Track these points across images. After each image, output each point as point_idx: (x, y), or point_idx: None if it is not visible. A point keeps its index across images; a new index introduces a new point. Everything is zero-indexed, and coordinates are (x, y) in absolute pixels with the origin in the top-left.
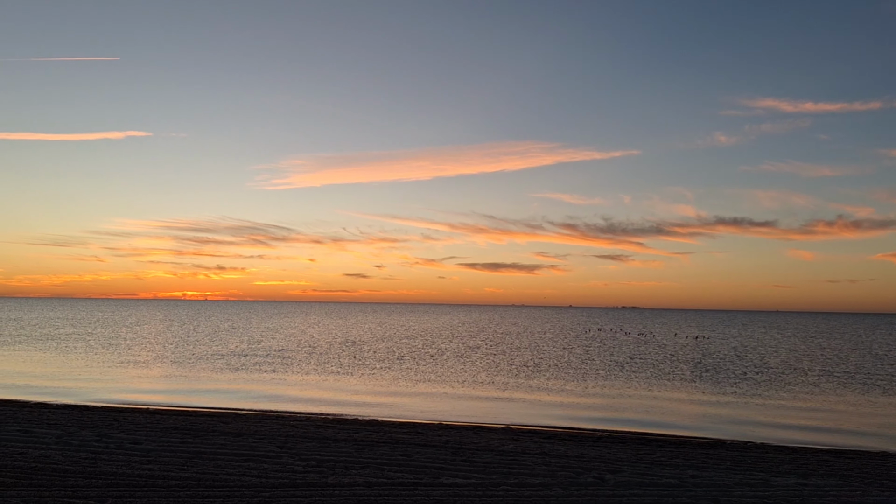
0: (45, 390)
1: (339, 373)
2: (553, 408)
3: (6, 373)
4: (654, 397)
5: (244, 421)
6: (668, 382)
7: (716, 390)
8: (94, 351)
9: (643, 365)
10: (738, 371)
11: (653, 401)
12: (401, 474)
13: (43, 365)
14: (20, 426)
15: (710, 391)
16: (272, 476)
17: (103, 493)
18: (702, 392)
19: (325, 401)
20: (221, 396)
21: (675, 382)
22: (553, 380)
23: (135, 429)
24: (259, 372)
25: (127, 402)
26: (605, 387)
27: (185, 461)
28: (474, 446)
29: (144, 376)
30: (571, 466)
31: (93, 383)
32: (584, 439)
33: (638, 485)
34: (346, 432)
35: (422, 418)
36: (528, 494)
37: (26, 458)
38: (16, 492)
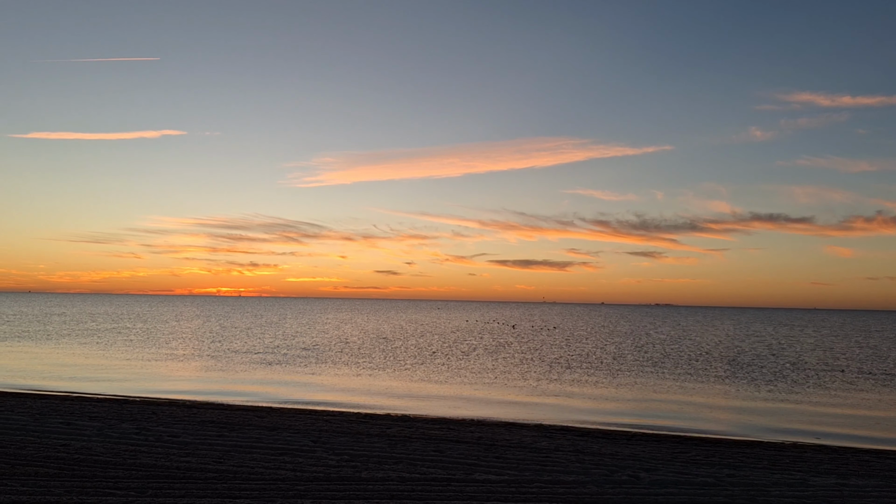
0: (87, 383)
1: (371, 369)
2: (585, 405)
3: (50, 366)
4: (689, 395)
5: (278, 415)
6: (702, 380)
7: (751, 388)
8: (133, 345)
9: (677, 362)
10: (774, 369)
11: (687, 399)
12: (434, 470)
13: (84, 358)
14: (63, 418)
15: (746, 389)
16: (307, 470)
17: (143, 484)
18: (737, 390)
19: (358, 396)
20: (256, 391)
21: (709, 380)
22: (585, 377)
23: (173, 422)
24: (292, 367)
25: (165, 396)
26: (637, 384)
27: (221, 454)
28: (507, 443)
29: (181, 370)
30: (605, 464)
31: (132, 377)
32: (617, 437)
33: (673, 483)
34: (378, 427)
35: (454, 415)
36: (561, 492)
37: (69, 450)
38: (59, 482)
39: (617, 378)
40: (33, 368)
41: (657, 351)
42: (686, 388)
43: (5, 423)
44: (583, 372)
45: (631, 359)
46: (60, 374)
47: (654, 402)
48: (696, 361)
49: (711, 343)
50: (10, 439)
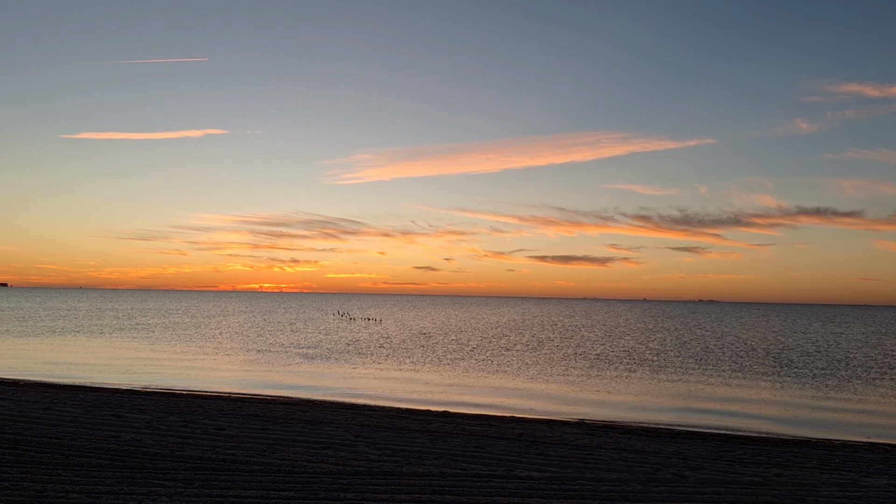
0: (136, 376)
1: (411, 364)
2: (627, 402)
3: (101, 360)
4: (733, 393)
5: (320, 410)
6: (747, 377)
7: (798, 386)
8: (180, 340)
9: (721, 359)
10: (822, 366)
11: (732, 396)
12: (475, 466)
13: (134, 352)
14: (113, 411)
15: (792, 387)
16: (349, 464)
17: (191, 476)
18: (783, 388)
19: (398, 391)
20: (297, 385)
21: (754, 378)
22: (627, 373)
23: (218, 415)
24: (333, 362)
25: (210, 390)
26: (681, 381)
27: (265, 447)
28: (548, 440)
29: (226, 365)
30: (649, 462)
31: (178, 371)
32: (661, 435)
33: (719, 482)
34: (419, 423)
35: (494, 411)
36: (604, 489)
37: (119, 441)
38: (111, 473)
39: (659, 375)
40: (86, 362)
41: (700, 347)
42: (731, 385)
43: (59, 415)
44: (624, 368)
45: (674, 355)
46: (111, 367)
47: (698, 399)
48: (740, 358)
49: (756, 340)
50: (64, 431)
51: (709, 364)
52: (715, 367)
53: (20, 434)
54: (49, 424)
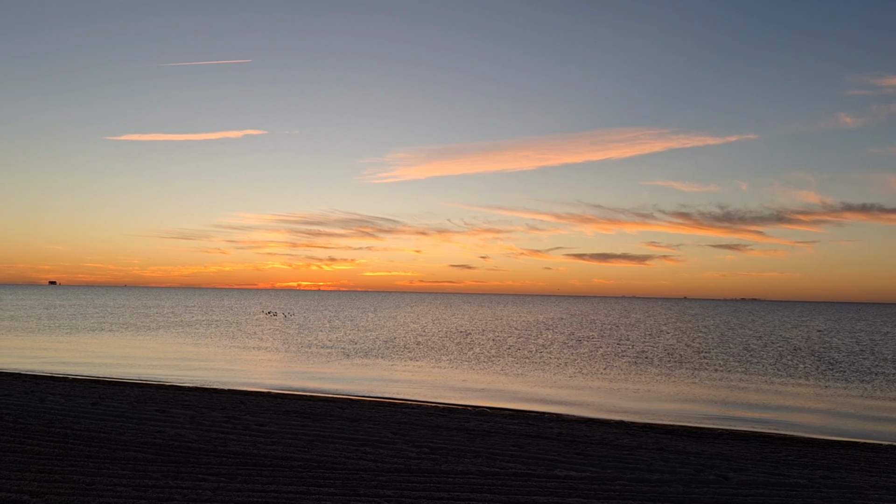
0: (179, 372)
1: (448, 362)
2: (668, 401)
3: (146, 356)
4: (777, 393)
5: (359, 407)
6: (791, 377)
7: (844, 386)
8: (222, 337)
9: (764, 359)
10: (867, 366)
11: (775, 397)
12: (514, 465)
13: (178, 349)
14: (157, 406)
15: (838, 387)
16: (388, 461)
17: (233, 470)
18: (829, 388)
19: (435, 389)
20: (336, 382)
21: (798, 378)
22: (667, 372)
23: (259, 411)
24: (371, 359)
25: (251, 386)
26: (723, 381)
27: (305, 443)
28: (588, 439)
29: (266, 361)
30: (691, 463)
31: (220, 367)
32: (703, 435)
33: (764, 484)
34: (457, 421)
35: (532, 409)
36: (645, 490)
37: (164, 436)
38: (156, 467)
39: (700, 374)
40: (132, 358)
41: (742, 346)
42: (774, 385)
43: (106, 410)
44: (665, 367)
45: (715, 354)
46: (156, 363)
47: (741, 399)
48: (784, 358)
49: (800, 339)
50: (111, 425)
51: (751, 364)
52: (757, 367)
53: (69, 428)
54: (97, 419)
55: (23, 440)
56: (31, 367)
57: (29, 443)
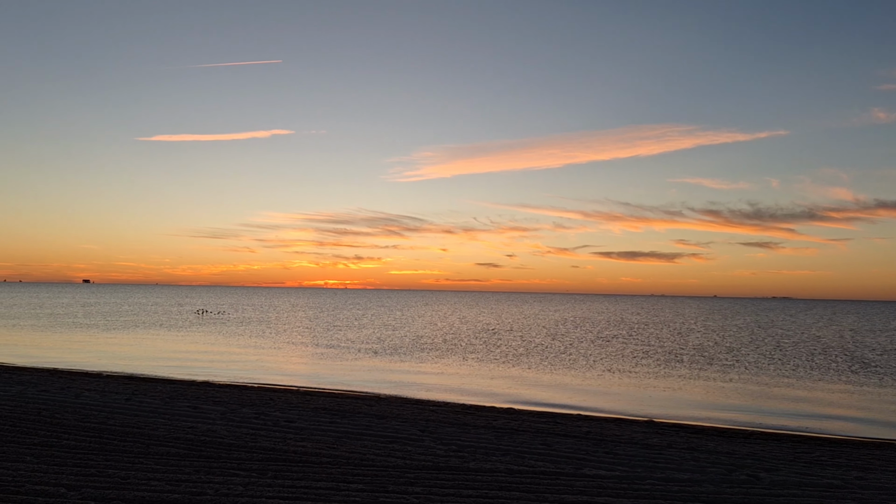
0: (210, 368)
1: (475, 360)
2: (698, 401)
3: (178, 353)
4: (809, 392)
5: (386, 404)
6: (823, 377)
7: (877, 385)
8: (251, 335)
9: (795, 358)
10: None
11: (807, 396)
12: (542, 463)
13: (209, 345)
14: (189, 402)
15: (872, 387)
16: (416, 458)
17: (264, 466)
18: (862, 388)
19: (462, 387)
20: (364, 379)
21: (831, 377)
22: (696, 371)
23: (288, 408)
24: (398, 357)
25: (280, 383)
26: (753, 380)
27: (334, 440)
28: (616, 438)
29: (294, 359)
30: (722, 463)
31: (250, 364)
32: (734, 435)
33: (796, 485)
34: (484, 419)
35: (560, 408)
36: (675, 490)
37: (196, 432)
38: (188, 462)
39: (730, 373)
40: (165, 354)
41: (773, 345)
42: (806, 384)
43: (139, 406)
44: (694, 366)
45: (745, 353)
46: (188, 360)
47: (772, 399)
48: (816, 357)
49: (833, 337)
50: (145, 421)
51: (782, 363)
52: (788, 366)
53: (104, 423)
54: (131, 414)
55: (60, 435)
56: (68, 363)
57: (66, 437)
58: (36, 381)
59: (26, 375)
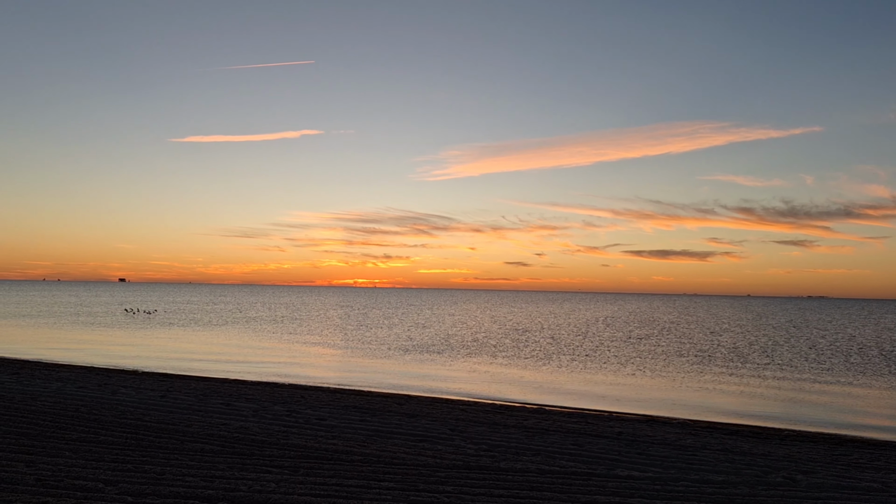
0: (243, 366)
1: (505, 359)
2: (732, 402)
3: (211, 351)
4: (845, 393)
5: (416, 403)
6: (860, 377)
7: None
8: (283, 333)
9: (830, 357)
10: None
11: (844, 397)
12: (573, 464)
13: (239, 343)
14: (223, 400)
15: None
16: (446, 457)
17: (296, 463)
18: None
19: (492, 386)
20: (393, 378)
21: (867, 377)
22: (730, 371)
23: (319, 405)
24: (427, 356)
25: (311, 381)
26: (788, 380)
27: (365, 438)
28: (649, 439)
29: (325, 357)
30: (758, 465)
31: (282, 362)
32: (769, 436)
33: (834, 487)
34: (514, 419)
35: (591, 408)
36: (710, 491)
37: (229, 429)
38: (222, 458)
39: (764, 373)
40: (199, 352)
41: (808, 345)
42: (842, 385)
43: (174, 403)
44: (727, 366)
45: (780, 353)
46: (221, 357)
47: (808, 399)
48: (852, 357)
49: (870, 337)
50: (179, 417)
51: (817, 363)
52: (824, 366)
53: (140, 420)
54: (166, 411)
55: (97, 431)
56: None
57: (103, 433)
58: (74, 378)
59: (65, 372)
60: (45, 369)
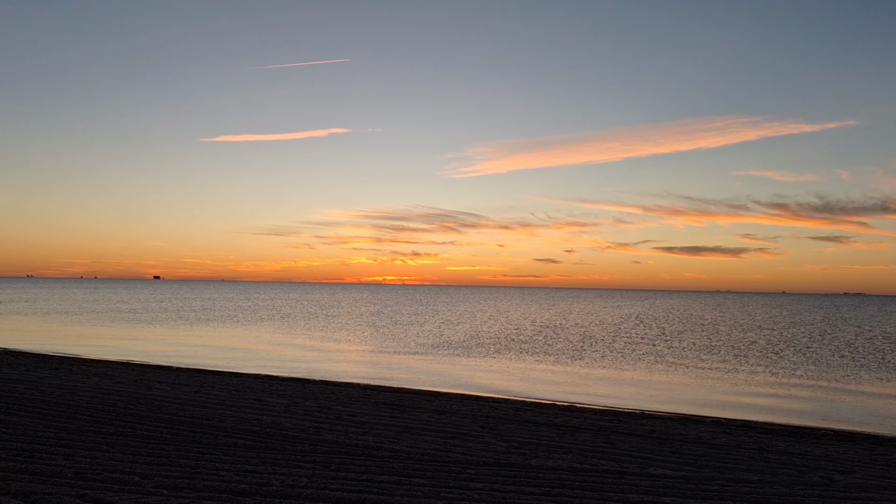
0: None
1: (536, 356)
2: (767, 400)
3: (245, 347)
4: (883, 391)
5: (446, 400)
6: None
7: None
8: (314, 329)
9: (867, 355)
10: None
11: (881, 395)
12: (605, 462)
13: (271, 339)
14: (255, 395)
15: None
16: (476, 454)
17: (327, 459)
18: None
19: (522, 383)
20: (423, 375)
21: None
22: (764, 369)
23: (349, 402)
24: (457, 353)
25: (341, 377)
26: (824, 378)
27: (395, 434)
28: (682, 438)
29: (355, 353)
30: (794, 464)
31: (313, 358)
32: (805, 435)
33: (874, 487)
34: (545, 416)
35: (622, 406)
36: (746, 491)
37: (261, 424)
38: (255, 453)
39: (799, 371)
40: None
41: (845, 343)
42: (880, 383)
43: (208, 398)
44: (762, 364)
45: (815, 351)
46: (253, 353)
47: (845, 398)
48: (889, 355)
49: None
50: (212, 413)
51: (854, 360)
52: (861, 364)
53: (175, 415)
54: (199, 406)
55: (134, 425)
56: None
57: (139, 428)
58: (111, 373)
59: (102, 367)
60: (82, 364)
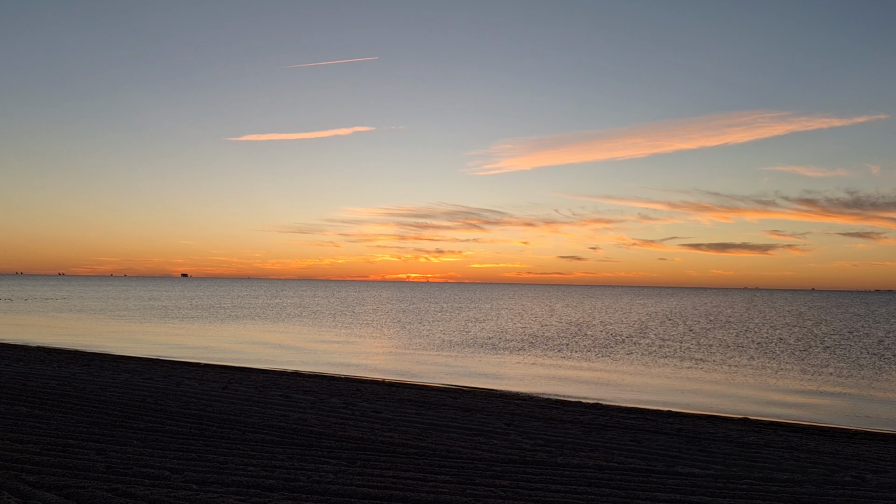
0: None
1: (561, 353)
2: (796, 398)
3: (272, 344)
4: None
5: (471, 397)
6: None
7: None
8: (340, 326)
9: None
10: None
11: None
12: (632, 460)
13: (298, 336)
14: (281, 391)
15: None
16: (502, 451)
17: (353, 455)
18: None
19: (548, 381)
20: (448, 372)
21: None
22: (793, 367)
23: (375, 398)
24: (481, 350)
25: (366, 374)
26: (854, 376)
27: (420, 431)
28: (710, 436)
29: (380, 350)
30: (824, 463)
31: (338, 355)
32: (836, 434)
33: None
34: (571, 414)
35: (649, 404)
36: (775, 490)
37: (287, 420)
38: (282, 449)
39: (829, 369)
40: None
41: (875, 340)
42: None
43: (235, 394)
44: (791, 361)
45: (845, 349)
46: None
47: (876, 397)
48: None
49: None
50: (240, 409)
51: (885, 358)
52: (893, 362)
53: (203, 410)
54: (227, 402)
55: (163, 421)
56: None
57: (169, 423)
58: (141, 370)
59: (132, 364)
60: (113, 361)
